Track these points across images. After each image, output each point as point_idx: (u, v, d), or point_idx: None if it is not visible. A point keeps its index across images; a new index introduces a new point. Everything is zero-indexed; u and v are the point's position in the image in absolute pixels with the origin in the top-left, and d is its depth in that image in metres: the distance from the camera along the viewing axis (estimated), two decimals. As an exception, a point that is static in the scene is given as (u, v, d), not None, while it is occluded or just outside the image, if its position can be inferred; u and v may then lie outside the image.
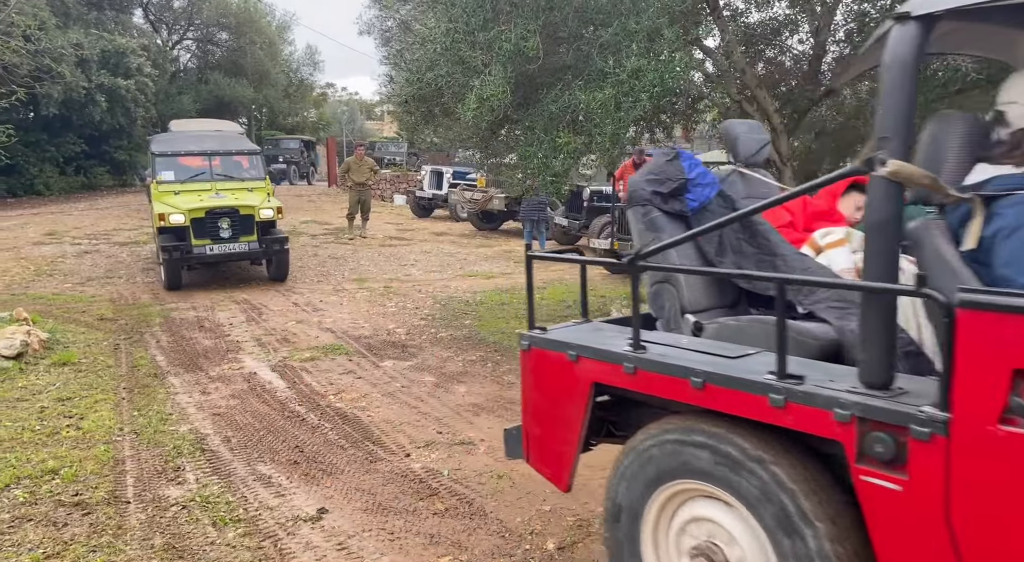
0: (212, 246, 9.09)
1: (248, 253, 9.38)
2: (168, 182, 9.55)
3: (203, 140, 10.76)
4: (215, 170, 10.03)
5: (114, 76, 22.62)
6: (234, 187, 9.81)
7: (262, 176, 10.32)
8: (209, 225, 9.02)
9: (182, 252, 8.90)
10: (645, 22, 5.45)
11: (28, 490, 3.65)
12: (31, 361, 5.84)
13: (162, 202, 9.30)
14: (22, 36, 7.37)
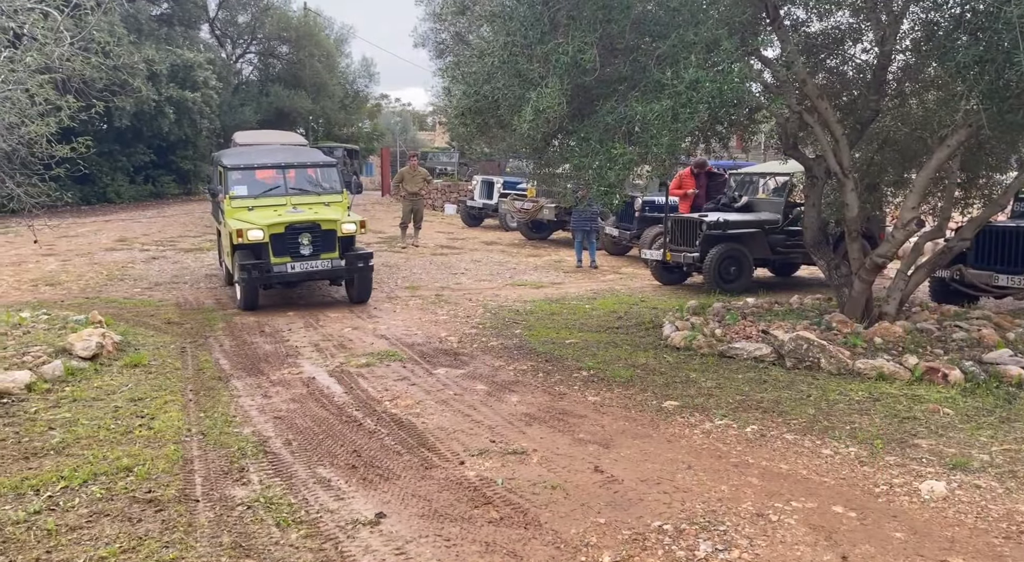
0: (292, 264, 8.46)
1: (331, 271, 8.70)
2: (241, 197, 9.00)
3: (276, 153, 10.38)
4: (289, 183, 9.45)
5: (182, 89, 23.56)
6: (311, 201, 9.25)
7: (339, 189, 9.69)
8: (289, 241, 8.47)
9: (261, 271, 8.28)
10: (704, 33, 5.42)
11: (104, 486, 3.83)
12: (105, 362, 6.12)
13: (237, 218, 8.73)
14: (101, 52, 7.74)
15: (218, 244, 11.01)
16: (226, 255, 9.55)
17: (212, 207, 11.23)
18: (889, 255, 6.88)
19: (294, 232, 8.51)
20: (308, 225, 8.58)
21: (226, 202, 8.98)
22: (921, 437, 4.55)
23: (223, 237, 9.67)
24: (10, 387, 5.25)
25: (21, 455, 4.26)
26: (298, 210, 8.94)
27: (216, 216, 10.45)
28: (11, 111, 6.55)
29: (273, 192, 9.25)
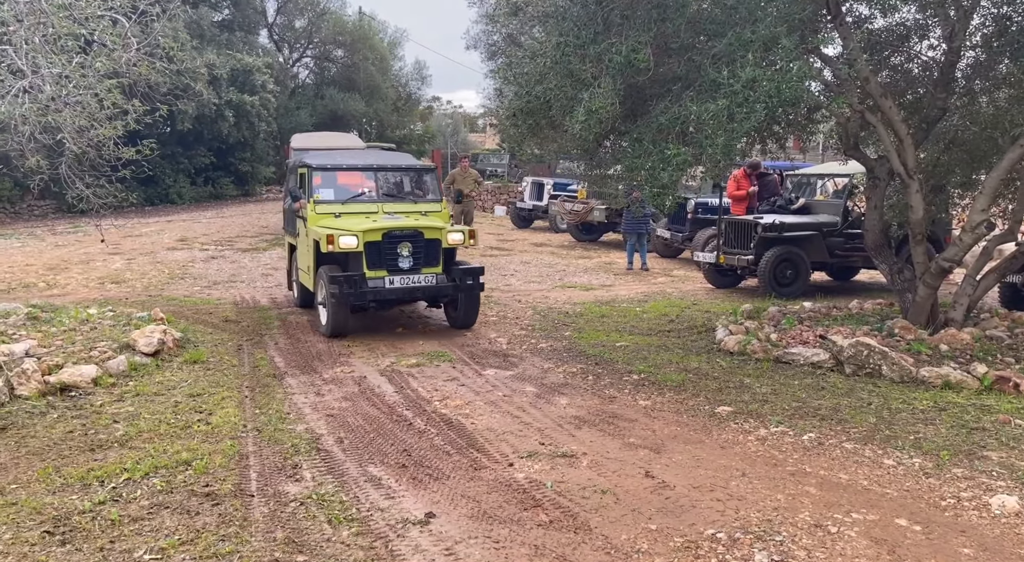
0: (391, 278, 7.21)
1: (435, 289, 7.38)
2: (327, 202, 7.86)
3: (365, 155, 9.48)
4: (381, 188, 8.33)
5: (241, 93, 24.22)
6: (405, 209, 8.06)
7: (438, 196, 8.42)
8: (386, 251, 7.26)
9: (354, 285, 6.97)
10: (762, 31, 5.29)
11: (165, 479, 3.94)
12: (166, 358, 6.31)
13: (323, 225, 7.56)
14: (165, 57, 8.00)
15: (289, 261, 9.41)
16: (304, 271, 8.32)
17: (285, 218, 9.42)
18: (957, 259, 6.61)
19: (393, 241, 7.29)
20: (409, 233, 7.33)
21: (309, 207, 7.80)
22: (991, 449, 4.34)
23: (301, 249, 8.36)
24: (78, 381, 5.46)
25: (88, 446, 4.42)
26: (395, 217, 7.73)
27: (290, 227, 8.96)
28: (81, 115, 6.81)
29: (362, 197, 8.11)
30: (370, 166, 8.47)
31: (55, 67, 6.82)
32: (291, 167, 9.16)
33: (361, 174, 8.40)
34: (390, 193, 8.30)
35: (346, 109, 32.79)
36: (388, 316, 8.43)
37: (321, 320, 7.46)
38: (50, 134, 7.14)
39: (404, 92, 38.36)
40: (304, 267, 8.24)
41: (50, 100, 6.81)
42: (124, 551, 3.21)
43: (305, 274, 8.22)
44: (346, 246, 7.09)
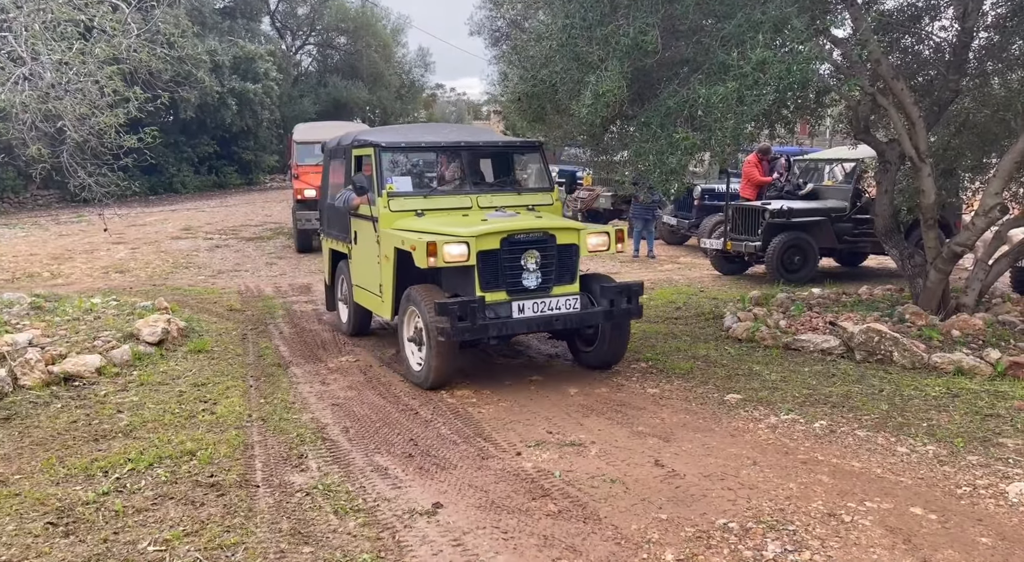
0: (519, 303, 5.07)
1: (578, 317, 5.24)
2: (406, 194, 5.73)
3: (447, 130, 6.91)
4: (472, 175, 6.23)
5: (244, 80, 24.12)
6: (508, 201, 5.94)
7: (547, 184, 6.28)
8: (507, 264, 5.13)
9: (472, 316, 4.85)
10: (772, 12, 5.18)
11: (169, 469, 3.91)
12: (171, 348, 6.28)
13: (405, 228, 5.51)
14: (166, 44, 7.92)
15: (332, 273, 7.20)
16: (367, 289, 6.13)
17: (325, 216, 7.20)
18: (969, 244, 6.51)
19: (515, 248, 5.15)
20: (537, 236, 5.19)
21: (380, 202, 5.68)
22: (1006, 436, 4.27)
23: (361, 260, 6.23)
24: (82, 371, 5.42)
25: (92, 437, 4.39)
26: (505, 214, 5.62)
27: (337, 229, 6.78)
28: (82, 102, 6.75)
29: (448, 188, 6.13)
30: (457, 144, 6.18)
31: (55, 54, 6.76)
32: (335, 148, 6.93)
33: (446, 156, 6.44)
34: (481, 181, 6.16)
35: (349, 97, 32.64)
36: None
37: (412, 363, 5.42)
38: (51, 122, 7.09)
39: (407, 79, 38.17)
40: (368, 284, 6.09)
41: (50, 87, 6.75)
42: (128, 542, 3.17)
43: (369, 295, 6.10)
44: (453, 258, 4.95)
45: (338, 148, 6.87)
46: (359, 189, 5.86)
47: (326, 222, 7.24)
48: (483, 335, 5.06)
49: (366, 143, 6.11)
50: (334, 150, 7.04)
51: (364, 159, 6.29)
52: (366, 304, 6.37)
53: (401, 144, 6.06)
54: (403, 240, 5.31)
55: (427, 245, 4.96)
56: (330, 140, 7.28)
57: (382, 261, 5.74)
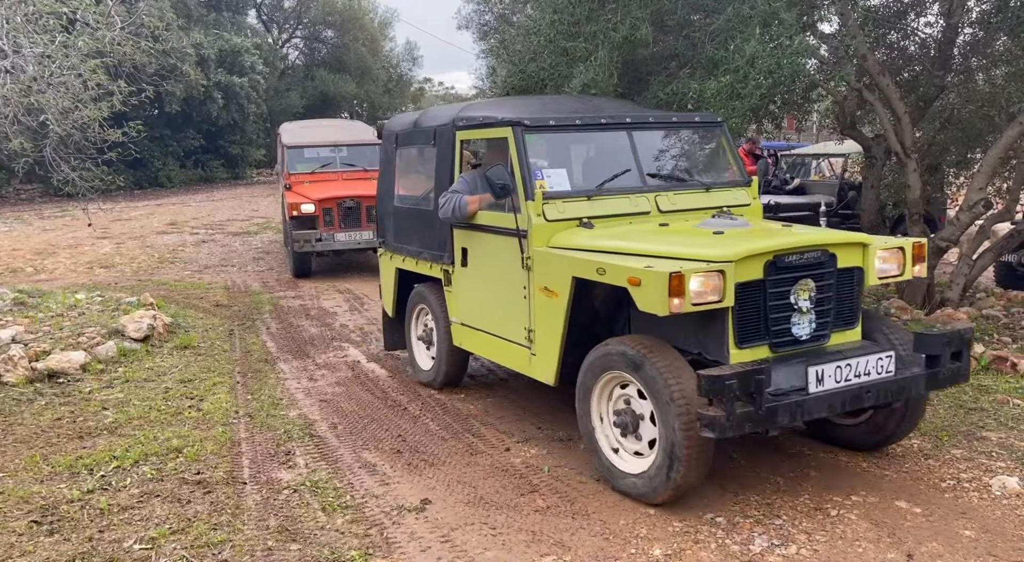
0: (818, 367, 3.36)
1: (896, 387, 3.51)
2: (562, 196, 4.02)
3: (593, 104, 4.94)
4: (645, 167, 4.32)
5: (230, 74, 23.92)
6: (696, 202, 4.30)
7: (743, 178, 4.53)
8: (774, 301, 3.45)
9: (755, 394, 3.09)
10: (760, 6, 5.20)
11: (155, 467, 3.88)
12: (156, 344, 6.23)
13: (576, 246, 3.82)
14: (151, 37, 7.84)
15: (400, 310, 5.55)
16: (511, 340, 4.28)
17: (393, 226, 5.43)
18: (953, 238, 6.57)
19: (784, 276, 3.46)
20: (814, 257, 3.52)
21: (530, 208, 3.94)
22: (990, 429, 4.32)
23: (491, 293, 4.43)
24: (66, 367, 5.37)
25: (76, 434, 4.35)
26: (729, 220, 3.94)
27: (417, 248, 5.09)
28: (65, 96, 6.67)
29: (618, 186, 4.19)
30: (622, 120, 4.31)
31: (37, 47, 6.68)
32: (409, 133, 5.21)
33: (606, 139, 4.45)
34: (656, 173, 4.39)
35: (336, 91, 32.42)
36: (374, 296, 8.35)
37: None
38: (33, 116, 7.01)
39: (395, 73, 37.94)
40: (491, 325, 4.45)
41: (32, 80, 6.67)
42: (113, 541, 3.15)
43: (494, 340, 4.42)
44: (705, 297, 3.22)
45: (419, 132, 5.04)
46: (500, 189, 3.93)
47: (392, 232, 5.43)
48: (769, 425, 3.22)
49: (496, 122, 4.22)
50: (408, 135, 5.20)
51: (489, 145, 4.69)
52: (485, 352, 4.57)
53: (551, 122, 4.15)
54: (600, 267, 3.47)
55: (670, 277, 3.08)
56: (395, 121, 5.58)
57: (535, 296, 3.95)
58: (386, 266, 5.62)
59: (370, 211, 9.15)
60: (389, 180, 5.50)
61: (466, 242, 4.56)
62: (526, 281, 4.04)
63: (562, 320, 3.80)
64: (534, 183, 3.98)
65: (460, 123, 4.58)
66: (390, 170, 5.49)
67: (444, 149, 4.72)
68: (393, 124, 5.63)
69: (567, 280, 3.73)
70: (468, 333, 4.70)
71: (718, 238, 3.62)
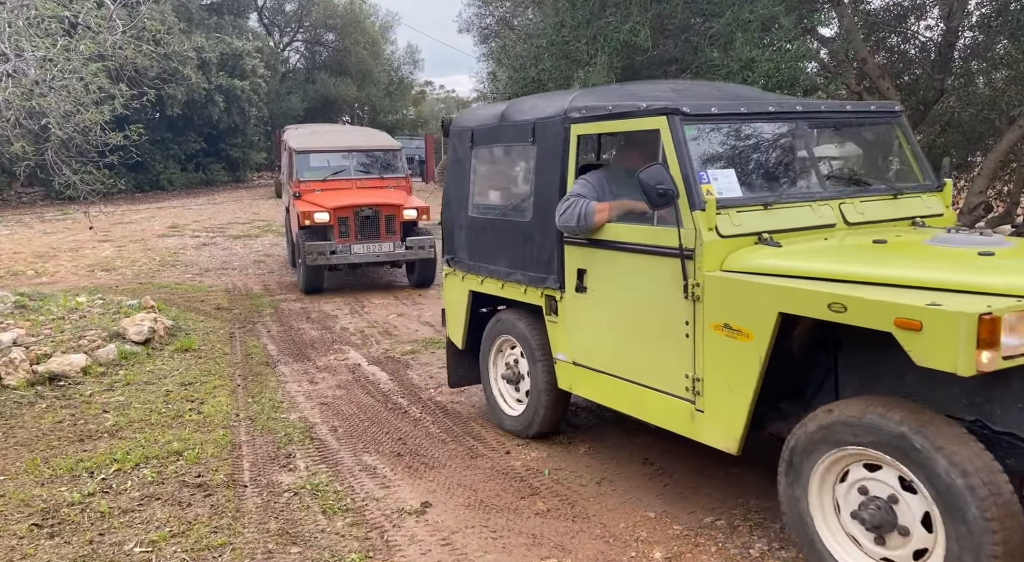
0: None
1: None
2: (735, 203, 3.13)
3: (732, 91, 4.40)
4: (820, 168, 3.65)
5: (231, 77, 23.96)
6: (884, 212, 3.52)
7: (932, 181, 3.77)
8: None
9: None
10: (760, 11, 5.22)
11: (156, 470, 3.88)
12: (157, 346, 6.23)
13: (769, 271, 2.88)
14: (152, 40, 7.86)
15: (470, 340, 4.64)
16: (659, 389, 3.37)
17: (466, 239, 4.55)
18: (954, 242, 6.56)
19: None
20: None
21: (700, 219, 3.04)
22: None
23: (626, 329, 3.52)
24: (67, 370, 5.38)
25: (77, 437, 4.35)
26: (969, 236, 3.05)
27: (505, 267, 4.22)
28: (67, 99, 6.69)
29: (796, 191, 3.49)
30: (792, 111, 3.54)
31: (39, 50, 6.69)
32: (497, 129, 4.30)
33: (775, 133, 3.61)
34: (833, 175, 3.80)
35: (338, 94, 32.49)
36: (381, 302, 8.36)
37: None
38: (35, 119, 7.02)
39: (396, 76, 38.01)
40: (624, 369, 3.56)
41: (34, 84, 6.68)
42: (114, 544, 3.15)
43: (631, 389, 3.52)
44: None
45: (509, 127, 4.16)
46: (660, 195, 2.97)
47: (465, 248, 4.53)
48: None
49: (641, 111, 3.36)
50: (492, 131, 4.32)
51: (627, 140, 3.83)
52: (611, 400, 3.67)
53: (713, 109, 3.30)
54: (836, 301, 2.56)
55: (980, 321, 2.22)
56: (470, 116, 4.73)
57: (707, 335, 3.05)
58: (454, 288, 4.67)
59: (389, 221, 8.67)
60: (461, 185, 4.54)
61: (584, 261, 3.65)
62: (689, 315, 3.09)
63: (756, 370, 2.88)
64: (700, 188, 3.05)
65: (577, 114, 3.71)
66: (462, 173, 4.53)
67: (550, 147, 3.82)
68: (467, 119, 4.71)
69: (770, 317, 2.78)
70: (584, 375, 3.78)
71: (995, 262, 2.67)
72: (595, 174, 3.75)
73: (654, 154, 3.31)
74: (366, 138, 10.49)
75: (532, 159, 3.98)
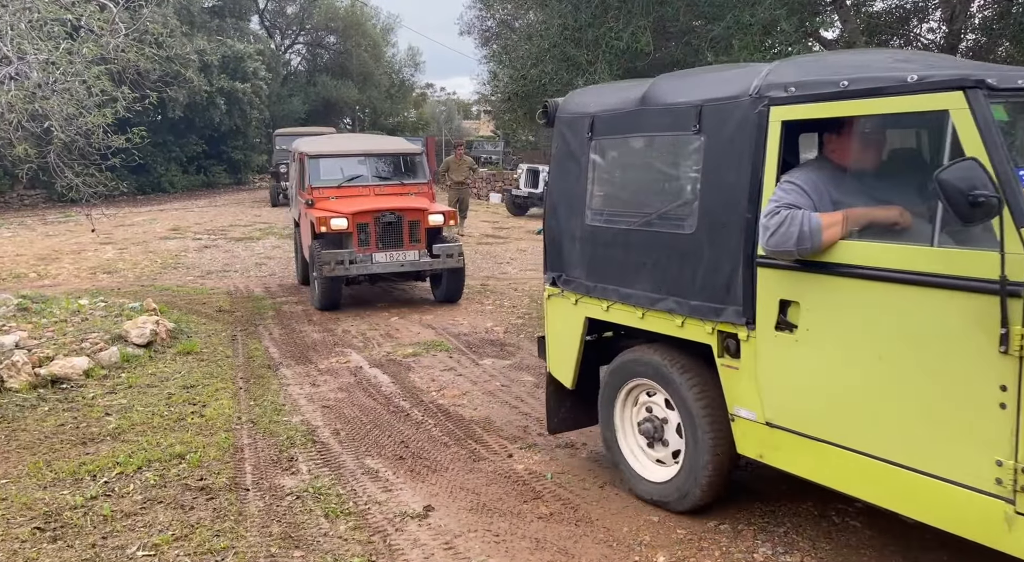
0: None
1: None
2: None
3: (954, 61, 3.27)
4: None
5: (232, 80, 24.00)
6: None
7: None
8: None
9: None
10: (761, 14, 5.22)
11: (158, 473, 3.88)
12: (159, 349, 6.23)
13: None
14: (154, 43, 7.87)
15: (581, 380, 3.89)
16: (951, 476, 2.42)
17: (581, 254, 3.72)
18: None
19: None
20: None
21: None
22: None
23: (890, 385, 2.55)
24: (69, 373, 5.38)
25: (79, 440, 4.35)
26: None
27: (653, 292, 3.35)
28: (69, 102, 6.70)
29: None
30: None
31: (41, 53, 6.71)
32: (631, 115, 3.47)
33: None
34: None
35: (339, 96, 32.56)
36: (381, 304, 8.35)
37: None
38: (38, 122, 7.04)
39: (397, 79, 38.09)
40: (879, 445, 2.63)
41: (37, 87, 6.70)
42: (116, 547, 3.15)
43: (891, 477, 2.60)
44: None
45: (656, 112, 3.33)
46: (978, 205, 2.17)
47: (581, 264, 3.70)
48: None
49: (920, 85, 2.43)
50: (626, 118, 3.47)
51: (873, 129, 2.87)
52: (846, 483, 2.80)
53: (1021, 82, 2.42)
54: None
55: None
56: (587, 99, 3.78)
57: None
58: (563, 313, 3.84)
59: (413, 227, 7.96)
60: (573, 186, 3.74)
61: (792, 291, 2.81)
62: (1009, 377, 2.25)
63: None
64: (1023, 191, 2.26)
65: (781, 93, 2.82)
66: (575, 172, 3.73)
67: (729, 137, 2.98)
68: (582, 102, 3.78)
69: None
70: (788, 443, 2.91)
71: None
72: (803, 175, 2.85)
73: (881, 148, 2.76)
74: (382, 142, 9.81)
75: (697, 154, 3.12)
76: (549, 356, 3.99)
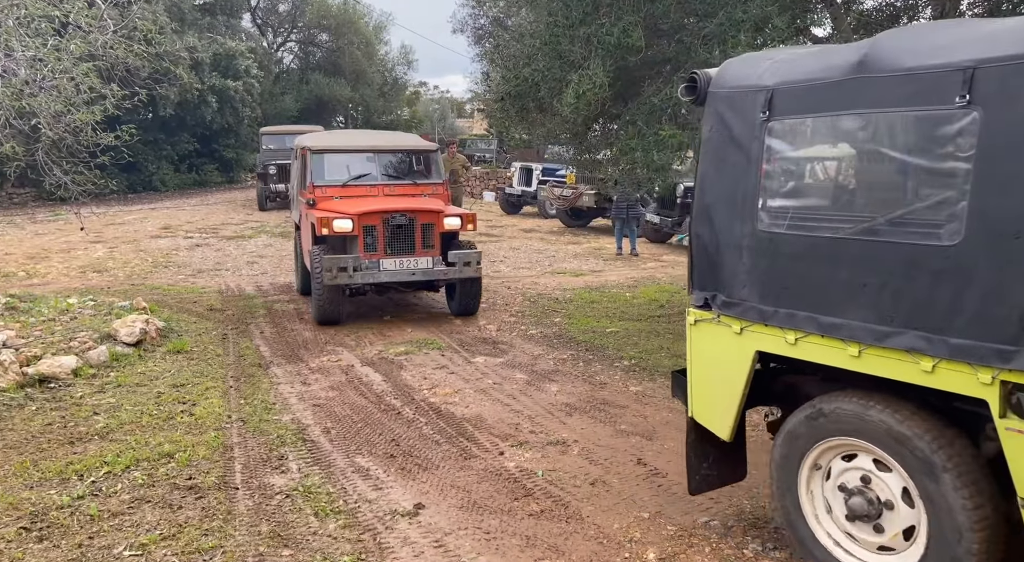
0: None
1: None
2: None
3: None
4: None
5: (224, 78, 23.87)
6: None
7: None
8: None
9: None
10: (753, 11, 5.21)
11: (146, 472, 3.85)
12: (149, 348, 6.19)
13: None
14: (144, 40, 7.81)
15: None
16: None
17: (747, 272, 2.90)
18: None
19: None
20: None
21: None
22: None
23: None
24: (57, 372, 5.33)
25: (67, 439, 4.32)
26: None
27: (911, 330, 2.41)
28: (57, 99, 6.65)
29: None
30: None
31: (29, 50, 6.65)
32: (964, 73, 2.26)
33: None
34: None
35: (331, 94, 32.44)
36: (375, 303, 8.33)
37: None
38: (25, 119, 6.98)
39: (390, 77, 37.96)
40: None
41: (24, 84, 6.64)
42: (103, 547, 3.12)
43: None
44: None
45: (895, 79, 2.46)
46: None
47: (752, 280, 2.90)
48: None
49: None
50: (822, 92, 2.67)
51: None
52: None
53: None
54: None
55: None
56: (755, 70, 2.93)
57: None
58: (720, 345, 3.03)
59: (426, 231, 7.14)
60: (740, 181, 2.93)
61: None
62: None
63: None
64: None
65: None
66: (744, 163, 2.91)
67: None
68: (752, 74, 2.93)
69: None
70: None
71: None
72: None
73: None
74: (393, 138, 9.01)
75: (965, 135, 2.28)
76: (693, 398, 3.13)
